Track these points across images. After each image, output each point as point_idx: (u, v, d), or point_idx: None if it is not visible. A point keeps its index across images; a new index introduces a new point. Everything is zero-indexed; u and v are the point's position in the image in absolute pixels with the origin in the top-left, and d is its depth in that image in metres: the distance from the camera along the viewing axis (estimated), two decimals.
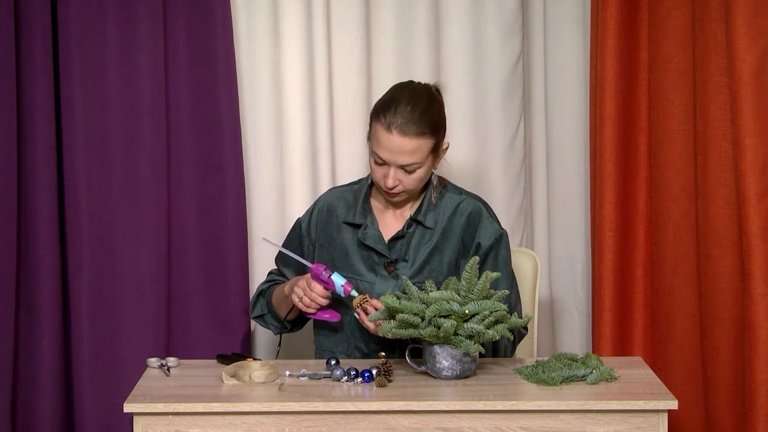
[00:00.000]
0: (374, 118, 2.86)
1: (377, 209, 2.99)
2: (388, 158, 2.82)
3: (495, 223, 2.96)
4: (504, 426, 2.53)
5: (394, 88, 2.92)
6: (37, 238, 3.24)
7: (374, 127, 2.85)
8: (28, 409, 3.28)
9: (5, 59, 3.17)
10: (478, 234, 2.93)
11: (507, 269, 2.93)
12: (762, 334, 2.95)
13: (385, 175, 2.85)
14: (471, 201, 2.97)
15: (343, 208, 3.00)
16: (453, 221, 2.94)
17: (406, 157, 2.82)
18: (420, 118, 2.81)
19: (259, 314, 3.08)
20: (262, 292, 3.09)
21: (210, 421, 2.53)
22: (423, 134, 2.82)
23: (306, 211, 3.10)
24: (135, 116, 3.30)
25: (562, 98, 3.56)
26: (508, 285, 2.88)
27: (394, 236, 2.94)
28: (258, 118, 3.44)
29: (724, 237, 3.07)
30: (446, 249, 2.92)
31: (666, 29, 3.23)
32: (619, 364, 2.79)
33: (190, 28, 3.33)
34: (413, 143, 2.81)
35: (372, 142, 2.87)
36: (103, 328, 3.30)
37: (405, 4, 3.47)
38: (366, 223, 2.95)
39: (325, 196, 3.08)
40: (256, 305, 3.09)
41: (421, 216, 2.93)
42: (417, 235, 2.94)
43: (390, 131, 2.80)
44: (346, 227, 2.97)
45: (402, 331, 2.62)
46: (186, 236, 3.37)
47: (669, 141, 3.25)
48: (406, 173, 2.85)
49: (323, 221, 3.02)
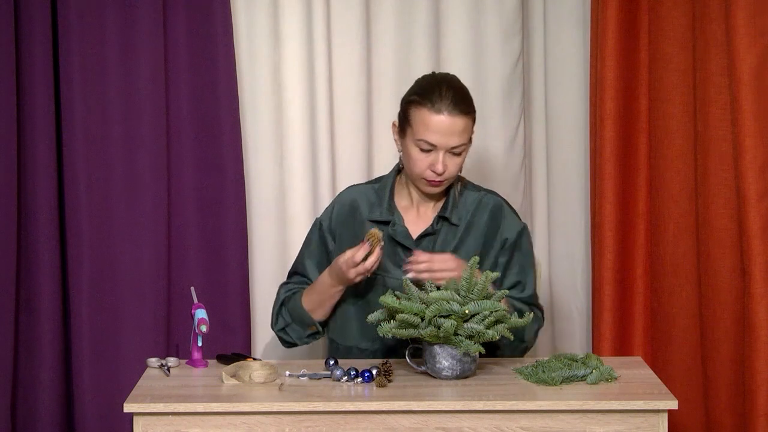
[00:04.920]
0: (415, 105, 2.85)
1: (401, 207, 2.98)
2: (437, 141, 2.83)
3: (516, 216, 3.01)
4: (504, 426, 2.53)
5: (423, 78, 2.94)
6: (37, 237, 3.24)
7: (417, 113, 2.84)
8: (28, 409, 3.28)
9: (5, 59, 3.17)
10: (502, 228, 2.96)
11: (533, 259, 3.00)
12: (762, 334, 2.95)
13: (434, 161, 2.85)
14: (491, 196, 3.01)
15: (365, 205, 3.00)
16: (476, 217, 2.96)
17: (456, 138, 2.83)
18: (464, 97, 2.86)
19: (282, 326, 3.00)
20: (284, 302, 3.02)
21: (210, 421, 2.53)
22: (470, 113, 2.86)
23: (325, 210, 3.09)
24: (135, 116, 3.30)
25: (562, 98, 3.56)
26: (533, 275, 2.96)
27: (423, 233, 2.94)
28: (258, 118, 3.44)
29: (724, 237, 3.07)
30: (470, 244, 2.94)
31: (666, 29, 3.23)
32: (619, 364, 2.79)
33: (190, 29, 3.33)
34: (463, 122, 2.84)
35: (414, 131, 2.85)
36: (103, 328, 3.30)
37: (405, 4, 3.47)
38: (394, 220, 2.95)
39: (346, 192, 3.07)
40: (279, 317, 3.02)
41: (448, 213, 2.94)
42: (443, 232, 2.95)
43: (441, 112, 2.81)
44: (371, 224, 2.96)
45: (402, 331, 2.62)
46: (186, 236, 3.37)
47: (669, 141, 3.25)
48: (453, 156, 2.86)
49: (345, 216, 3.01)
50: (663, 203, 3.28)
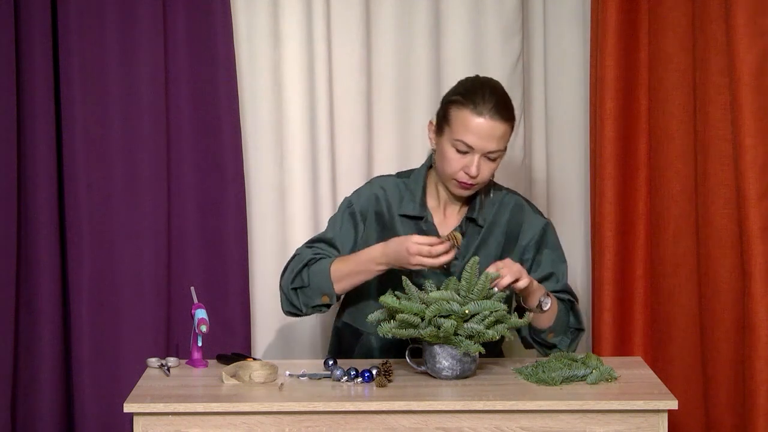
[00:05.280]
0: (456, 105, 2.84)
1: (430, 206, 2.97)
2: (475, 144, 2.81)
3: (537, 214, 3.01)
4: (504, 426, 2.53)
5: (467, 79, 2.92)
6: (37, 237, 3.24)
7: (458, 114, 2.82)
8: (28, 409, 3.28)
9: (5, 59, 3.17)
10: (524, 228, 2.97)
11: (562, 253, 3.01)
12: (762, 334, 2.95)
13: (469, 163, 2.83)
14: (512, 195, 3.01)
15: (396, 199, 2.97)
16: (497, 216, 2.96)
17: (494, 143, 2.82)
18: (506, 104, 2.85)
19: (299, 285, 2.90)
20: (308, 263, 2.91)
21: (210, 421, 2.53)
22: (510, 120, 2.85)
23: (355, 192, 3.03)
24: (135, 116, 3.30)
25: (562, 98, 3.56)
26: (564, 268, 2.99)
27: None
28: (258, 118, 3.44)
29: (724, 237, 3.07)
30: (491, 243, 2.95)
31: (666, 29, 3.23)
32: (619, 364, 2.79)
33: (190, 29, 3.33)
34: (502, 128, 2.83)
35: (452, 131, 2.83)
36: (103, 328, 3.30)
37: (405, 4, 3.47)
38: (426, 217, 2.95)
39: (379, 180, 3.03)
40: (298, 276, 2.91)
41: (476, 214, 2.94)
42: (468, 233, 2.94)
43: (482, 115, 2.80)
44: (400, 218, 2.95)
45: (402, 331, 2.62)
46: (186, 236, 3.37)
47: (669, 141, 3.25)
48: (488, 161, 2.84)
49: (375, 205, 2.97)
50: (663, 203, 3.27)
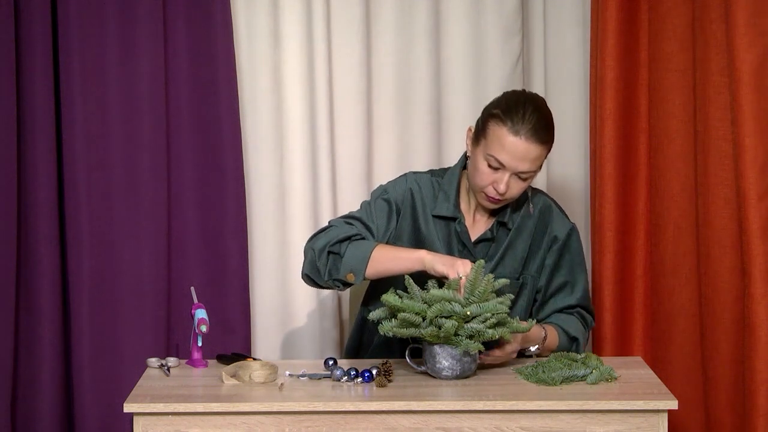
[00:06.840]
0: (495, 120, 2.80)
1: (462, 208, 2.96)
2: (508, 163, 2.78)
3: (564, 217, 3.01)
4: (504, 426, 2.53)
5: (513, 93, 2.88)
6: (37, 237, 3.24)
7: (495, 129, 2.79)
8: (28, 409, 3.28)
9: (5, 59, 3.17)
10: (550, 229, 2.96)
11: (583, 260, 3.00)
12: (762, 334, 2.95)
13: (498, 180, 2.81)
14: (540, 197, 3.01)
15: (430, 197, 2.95)
16: (525, 218, 2.96)
17: (527, 164, 2.79)
18: (547, 126, 2.81)
19: (336, 251, 2.79)
20: (352, 237, 2.82)
21: (210, 421, 2.53)
22: (547, 143, 2.82)
23: (390, 182, 3.00)
24: (135, 116, 3.30)
25: (562, 98, 3.56)
26: (585, 276, 2.98)
27: (482, 238, 2.93)
28: (258, 118, 3.44)
29: (724, 237, 3.07)
30: (519, 245, 2.94)
31: (666, 29, 3.23)
32: (619, 364, 2.79)
33: (190, 29, 3.33)
34: (537, 150, 2.79)
35: (487, 145, 2.80)
36: (103, 328, 3.30)
37: (405, 4, 3.47)
38: (460, 218, 2.93)
39: (414, 176, 2.99)
40: (339, 244, 2.79)
41: (507, 218, 2.93)
42: (497, 237, 2.94)
43: (518, 135, 2.76)
44: (434, 218, 2.94)
45: (403, 330, 2.62)
46: (186, 236, 3.37)
47: (669, 141, 3.25)
48: (519, 180, 2.82)
49: (412, 199, 2.95)
50: (663, 203, 3.27)
